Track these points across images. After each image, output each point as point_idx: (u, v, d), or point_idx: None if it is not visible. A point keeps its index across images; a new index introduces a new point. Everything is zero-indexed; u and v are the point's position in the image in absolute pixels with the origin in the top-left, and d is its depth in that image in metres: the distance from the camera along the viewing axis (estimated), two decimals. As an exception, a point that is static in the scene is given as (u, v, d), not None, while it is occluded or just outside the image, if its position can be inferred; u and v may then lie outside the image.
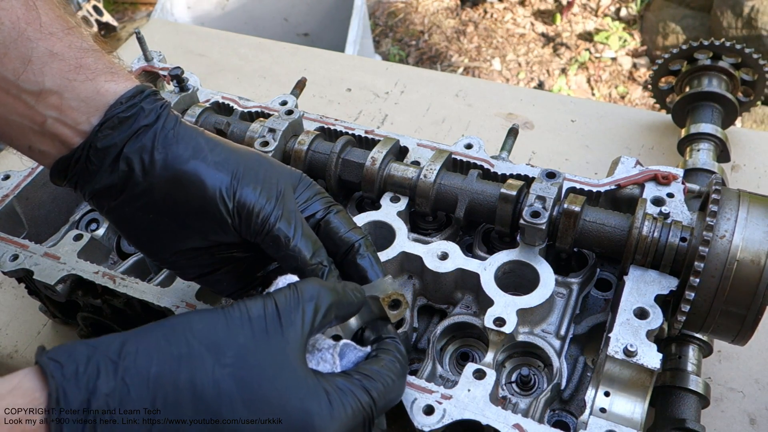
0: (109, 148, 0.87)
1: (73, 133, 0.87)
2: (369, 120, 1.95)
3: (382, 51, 4.75)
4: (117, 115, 0.87)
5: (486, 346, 1.06)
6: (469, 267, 1.12)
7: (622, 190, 1.20)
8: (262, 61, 2.20)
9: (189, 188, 0.89)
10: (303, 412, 0.73)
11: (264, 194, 0.91)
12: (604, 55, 4.52)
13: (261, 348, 0.75)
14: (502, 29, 4.82)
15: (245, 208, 0.90)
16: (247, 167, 0.93)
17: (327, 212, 0.98)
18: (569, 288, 1.15)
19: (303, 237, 0.92)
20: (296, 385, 0.74)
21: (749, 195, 1.05)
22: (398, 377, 0.84)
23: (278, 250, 0.91)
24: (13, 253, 1.20)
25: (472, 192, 1.20)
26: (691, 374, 1.15)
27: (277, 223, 0.91)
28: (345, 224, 0.98)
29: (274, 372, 0.74)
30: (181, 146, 0.90)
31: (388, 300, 0.94)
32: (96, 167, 0.88)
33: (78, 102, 0.86)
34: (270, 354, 0.75)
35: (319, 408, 0.74)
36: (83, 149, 0.87)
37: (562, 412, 1.06)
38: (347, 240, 0.97)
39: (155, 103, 0.91)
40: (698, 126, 1.56)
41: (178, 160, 0.89)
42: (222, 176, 0.90)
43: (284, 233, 0.91)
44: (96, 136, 0.87)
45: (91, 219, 1.42)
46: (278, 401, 0.72)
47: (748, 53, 1.62)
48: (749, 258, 0.98)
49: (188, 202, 0.89)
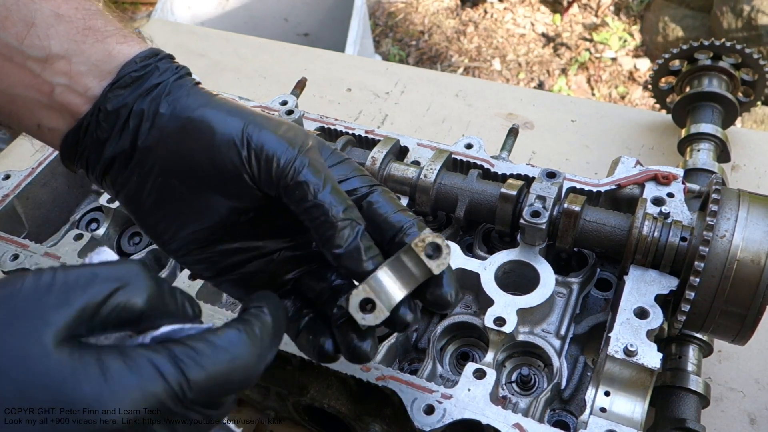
0: (119, 109, 0.79)
1: (83, 101, 0.80)
2: (369, 120, 1.95)
3: (382, 51, 4.75)
4: (129, 74, 0.79)
5: (486, 346, 1.06)
6: (470, 267, 1.12)
7: (622, 190, 1.20)
8: (262, 61, 2.21)
9: (197, 137, 0.78)
10: (58, 403, 0.54)
11: (286, 141, 0.78)
12: (604, 55, 4.52)
13: (2, 336, 0.55)
14: (502, 29, 4.82)
15: (264, 153, 0.76)
16: (265, 117, 0.81)
17: (371, 190, 0.82)
18: (569, 288, 1.16)
19: (334, 189, 0.76)
20: (47, 372, 0.54)
21: (749, 195, 1.05)
22: (240, 350, 0.64)
23: (303, 200, 0.76)
24: (14, 253, 1.20)
25: (472, 192, 1.20)
26: (691, 374, 1.15)
27: (304, 169, 0.76)
28: (393, 205, 0.81)
29: (15, 364, 0.54)
30: (192, 98, 0.81)
31: (423, 246, 0.73)
32: (106, 134, 0.80)
33: (88, 66, 0.79)
34: (11, 342, 0.55)
35: (85, 390, 0.54)
36: (92, 114, 0.80)
37: (562, 412, 1.06)
38: (395, 223, 0.79)
39: (172, 64, 0.83)
40: (698, 126, 1.56)
41: (186, 110, 0.79)
42: (234, 121, 0.78)
43: (313, 180, 0.76)
44: (106, 97, 0.79)
45: (92, 219, 1.42)
46: (22, 398, 0.53)
47: (748, 53, 1.62)
48: (749, 258, 0.98)
49: (196, 155, 0.78)
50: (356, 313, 0.72)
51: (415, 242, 0.74)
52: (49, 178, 1.40)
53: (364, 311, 0.72)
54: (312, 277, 0.88)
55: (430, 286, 0.77)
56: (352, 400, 1.05)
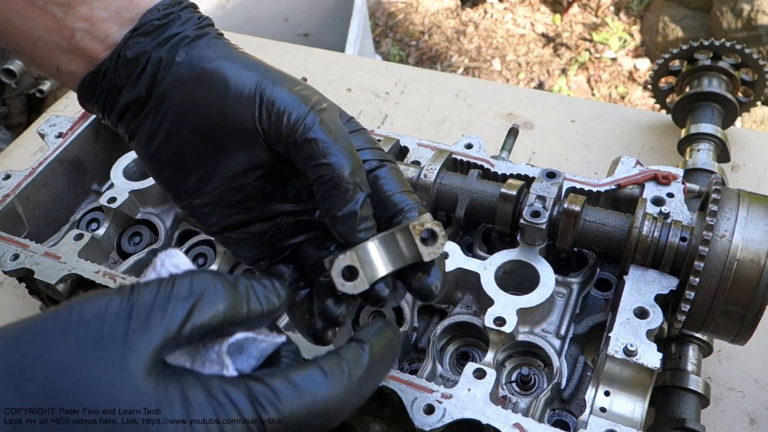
0: (139, 57, 0.79)
1: (103, 47, 0.80)
2: (369, 120, 1.95)
3: (383, 51, 4.75)
4: (151, 21, 0.80)
5: (486, 346, 1.06)
6: (470, 267, 1.12)
7: (622, 190, 1.21)
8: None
9: (211, 88, 0.78)
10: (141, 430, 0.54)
11: (299, 98, 0.76)
12: (604, 56, 4.52)
13: (86, 362, 0.55)
14: (502, 29, 4.82)
15: (275, 108, 0.75)
16: (282, 74, 0.80)
17: (379, 165, 0.81)
18: (569, 288, 1.16)
19: (344, 148, 0.75)
20: (133, 403, 0.55)
21: (749, 195, 1.05)
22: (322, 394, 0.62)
23: (311, 158, 0.74)
24: (14, 253, 1.20)
25: (472, 192, 1.20)
26: (691, 374, 1.15)
27: (315, 126, 0.74)
28: (399, 184, 0.80)
29: (100, 393, 0.55)
30: (210, 49, 0.80)
31: (421, 230, 0.72)
32: (124, 80, 0.80)
33: (109, 12, 0.79)
34: (97, 369, 0.55)
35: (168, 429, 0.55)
36: (111, 60, 0.80)
37: (562, 412, 1.06)
38: (397, 203, 0.78)
39: (194, 14, 0.83)
40: (698, 126, 1.56)
41: (203, 60, 0.79)
42: (250, 74, 0.78)
43: (323, 137, 0.74)
44: (126, 44, 0.79)
45: (92, 219, 1.42)
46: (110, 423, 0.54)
47: (748, 53, 1.62)
48: (749, 258, 0.98)
49: (208, 106, 0.78)
50: (337, 278, 0.71)
51: (413, 224, 0.73)
52: (50, 178, 1.40)
53: (345, 278, 0.71)
54: (312, 244, 0.87)
55: (418, 272, 0.75)
56: (352, 399, 1.05)
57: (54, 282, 1.16)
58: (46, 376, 0.55)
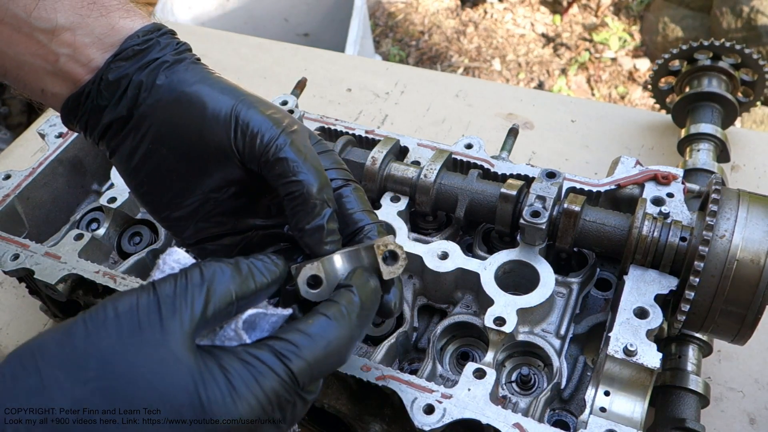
0: (120, 80, 0.84)
1: (85, 71, 0.85)
2: (369, 120, 1.95)
3: (383, 51, 4.75)
4: (132, 47, 0.84)
5: (486, 346, 1.06)
6: (469, 267, 1.12)
7: (622, 190, 1.21)
8: (262, 61, 2.21)
9: (189, 110, 0.84)
10: (194, 404, 0.63)
11: (271, 120, 0.83)
12: (604, 56, 4.52)
13: (131, 347, 0.64)
14: (502, 29, 4.82)
15: (249, 129, 0.82)
16: (257, 98, 0.86)
17: (344, 185, 0.88)
18: (569, 288, 1.16)
19: (313, 167, 0.82)
20: (181, 376, 0.64)
21: (749, 195, 1.05)
22: (331, 336, 0.72)
23: (282, 176, 0.81)
24: (14, 253, 1.20)
25: (472, 192, 1.20)
26: (691, 374, 1.15)
27: (286, 146, 0.82)
28: (360, 203, 0.88)
29: (151, 369, 0.63)
30: (189, 73, 0.86)
31: (384, 250, 0.79)
32: (106, 101, 0.85)
33: (92, 38, 0.84)
34: (144, 351, 0.64)
35: (215, 393, 0.64)
36: (94, 83, 0.85)
37: (562, 412, 1.06)
38: (357, 221, 0.87)
39: (172, 39, 0.88)
40: (698, 126, 1.56)
41: (182, 84, 0.85)
42: (226, 98, 0.84)
43: (293, 157, 0.81)
44: (108, 67, 0.84)
45: (92, 219, 1.42)
46: (161, 400, 0.62)
47: (748, 53, 1.62)
48: (749, 257, 0.98)
49: (187, 127, 0.84)
50: (302, 285, 0.78)
51: (377, 243, 0.79)
52: (50, 178, 1.40)
53: (309, 286, 0.78)
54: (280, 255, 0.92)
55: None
56: (352, 399, 1.06)
57: (54, 282, 1.16)
58: (99, 363, 0.63)
